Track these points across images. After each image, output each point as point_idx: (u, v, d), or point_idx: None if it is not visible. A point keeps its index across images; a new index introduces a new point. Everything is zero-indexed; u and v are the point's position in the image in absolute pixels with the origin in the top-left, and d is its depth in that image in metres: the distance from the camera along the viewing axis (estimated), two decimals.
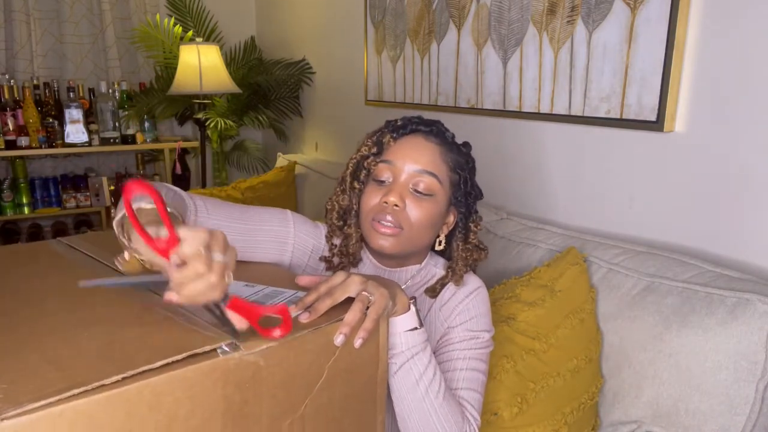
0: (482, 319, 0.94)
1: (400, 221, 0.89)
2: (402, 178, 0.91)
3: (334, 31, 2.46)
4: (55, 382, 0.49)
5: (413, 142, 0.93)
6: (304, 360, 0.64)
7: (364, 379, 0.71)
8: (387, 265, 0.97)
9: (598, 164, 1.38)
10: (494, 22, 1.56)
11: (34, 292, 0.71)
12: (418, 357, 0.79)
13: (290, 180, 2.36)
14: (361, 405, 0.73)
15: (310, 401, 0.65)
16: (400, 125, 0.94)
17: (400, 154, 0.91)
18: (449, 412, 0.81)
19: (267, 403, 0.61)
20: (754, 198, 1.10)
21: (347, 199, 0.95)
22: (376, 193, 0.91)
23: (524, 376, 1.04)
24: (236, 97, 2.69)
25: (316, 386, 0.65)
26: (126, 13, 2.87)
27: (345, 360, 0.68)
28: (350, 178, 0.95)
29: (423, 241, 0.94)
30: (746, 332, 0.93)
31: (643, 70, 1.21)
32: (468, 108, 1.69)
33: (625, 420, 1.05)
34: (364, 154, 0.94)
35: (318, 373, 0.65)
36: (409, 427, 0.81)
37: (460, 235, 0.97)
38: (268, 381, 0.60)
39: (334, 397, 0.68)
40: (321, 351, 0.66)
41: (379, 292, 0.71)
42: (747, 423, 0.93)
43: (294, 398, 0.64)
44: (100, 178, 2.86)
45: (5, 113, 2.53)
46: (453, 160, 0.94)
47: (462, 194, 0.96)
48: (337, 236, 0.97)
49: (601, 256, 1.19)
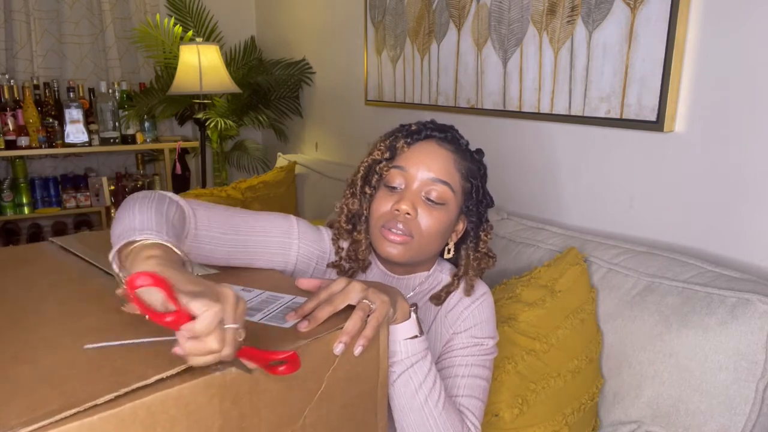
0: (487, 326, 0.93)
1: (410, 229, 0.87)
2: (414, 186, 0.89)
3: (334, 31, 2.46)
4: (47, 401, 0.47)
5: (427, 148, 0.91)
6: (302, 370, 0.61)
7: (365, 388, 0.69)
8: (395, 272, 0.96)
9: (598, 164, 1.38)
10: (494, 22, 1.56)
11: (26, 298, 0.69)
12: (419, 365, 0.78)
13: (290, 180, 2.36)
14: (362, 414, 0.71)
15: (310, 412, 0.63)
16: (414, 130, 0.92)
17: (414, 161, 0.90)
18: (448, 420, 0.81)
19: (265, 416, 0.59)
20: (754, 198, 1.10)
21: (357, 204, 0.93)
22: (388, 200, 0.89)
23: (525, 376, 1.04)
24: (236, 97, 2.69)
25: (315, 397, 0.64)
26: (126, 13, 2.87)
27: (344, 369, 0.66)
28: (361, 182, 0.93)
29: (432, 250, 0.93)
30: (746, 332, 0.93)
31: (643, 70, 1.21)
32: (468, 108, 1.69)
33: (625, 420, 1.06)
34: (376, 158, 0.92)
35: (317, 384, 0.64)
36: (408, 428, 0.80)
37: (471, 244, 0.96)
38: (266, 394, 0.59)
39: (334, 407, 0.66)
40: (320, 361, 0.64)
41: (380, 300, 0.69)
42: (747, 423, 0.93)
43: (293, 409, 0.62)
44: (100, 178, 2.86)
45: (5, 113, 2.53)
46: (466, 168, 0.93)
47: (474, 203, 0.94)
48: (344, 239, 0.96)
49: (601, 256, 1.19)
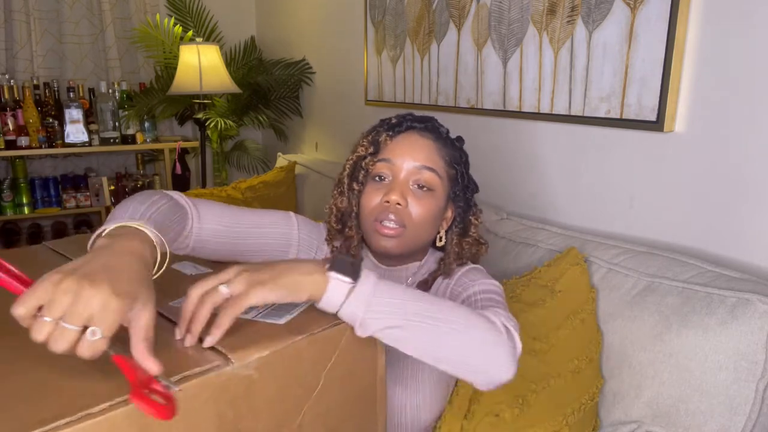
0: (481, 281, 0.92)
1: (402, 219, 0.89)
2: (402, 176, 0.91)
3: (334, 31, 2.46)
4: (35, 411, 0.46)
5: (410, 139, 0.93)
6: (299, 369, 0.61)
7: (363, 383, 0.69)
8: (387, 264, 0.97)
9: (598, 164, 1.38)
10: (494, 22, 1.56)
11: None
12: (376, 311, 0.65)
13: (290, 180, 2.36)
14: (361, 410, 0.71)
15: (308, 410, 0.63)
16: (395, 123, 0.94)
17: (398, 152, 0.92)
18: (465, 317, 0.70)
19: (263, 416, 0.58)
20: (754, 198, 1.10)
21: (346, 201, 0.95)
22: (377, 193, 0.91)
23: (525, 376, 1.04)
24: (236, 97, 2.69)
25: (313, 395, 0.63)
26: (126, 13, 2.87)
27: (341, 366, 0.65)
28: (348, 179, 0.95)
29: (425, 238, 0.94)
30: (746, 332, 0.93)
31: (643, 70, 1.21)
32: (468, 108, 1.69)
33: (625, 420, 1.05)
34: (361, 154, 0.94)
35: (314, 381, 0.63)
36: (443, 357, 0.70)
37: (457, 229, 0.98)
38: (263, 393, 0.58)
39: (332, 404, 0.66)
40: (317, 359, 0.63)
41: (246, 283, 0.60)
42: (747, 423, 0.93)
43: (291, 408, 0.61)
44: (100, 178, 2.86)
45: (5, 113, 2.53)
46: (449, 154, 0.95)
47: (460, 189, 0.96)
48: (337, 239, 0.97)
49: (601, 256, 1.19)
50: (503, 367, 0.71)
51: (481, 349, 0.70)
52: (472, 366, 0.71)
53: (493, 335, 0.71)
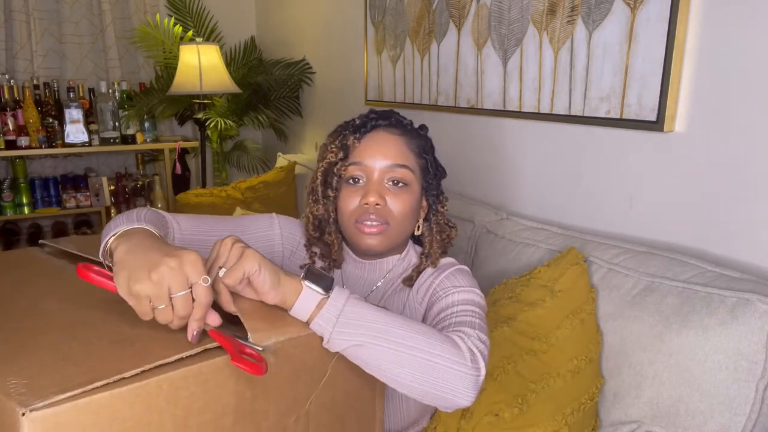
0: (466, 290, 0.89)
1: (385, 217, 0.91)
2: (375, 176, 0.92)
3: (334, 31, 2.46)
4: (75, 376, 0.50)
5: (377, 138, 0.94)
6: (309, 357, 0.65)
7: (367, 377, 0.72)
8: (366, 259, 0.99)
9: (598, 164, 1.38)
10: (494, 22, 1.56)
11: (28, 296, 0.70)
12: (341, 331, 0.66)
13: (290, 180, 2.36)
14: (362, 403, 0.74)
15: (315, 398, 0.66)
16: (360, 124, 0.95)
17: (368, 153, 0.92)
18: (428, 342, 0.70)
19: (274, 399, 0.62)
20: (754, 198, 1.10)
21: (322, 209, 0.96)
22: (354, 196, 0.92)
23: (525, 376, 1.04)
24: (236, 97, 2.69)
25: (320, 383, 0.67)
26: (126, 13, 2.87)
27: (346, 359, 0.69)
28: (322, 187, 0.95)
29: (406, 232, 0.96)
30: (746, 332, 0.93)
31: (643, 70, 1.21)
32: (468, 108, 1.69)
33: (625, 420, 1.05)
34: (331, 161, 0.94)
35: (322, 371, 0.67)
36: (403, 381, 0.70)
37: (433, 218, 1.00)
38: (276, 377, 0.62)
39: (337, 394, 0.69)
40: (325, 350, 0.67)
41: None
42: (747, 423, 0.93)
43: (299, 395, 0.65)
44: (100, 178, 2.87)
45: (5, 113, 2.53)
46: (417, 146, 0.96)
47: (432, 177, 0.98)
48: (316, 246, 1.00)
49: (601, 256, 1.19)
50: (460, 395, 0.71)
51: (440, 376, 0.70)
52: (429, 393, 0.70)
53: (456, 362, 0.71)
